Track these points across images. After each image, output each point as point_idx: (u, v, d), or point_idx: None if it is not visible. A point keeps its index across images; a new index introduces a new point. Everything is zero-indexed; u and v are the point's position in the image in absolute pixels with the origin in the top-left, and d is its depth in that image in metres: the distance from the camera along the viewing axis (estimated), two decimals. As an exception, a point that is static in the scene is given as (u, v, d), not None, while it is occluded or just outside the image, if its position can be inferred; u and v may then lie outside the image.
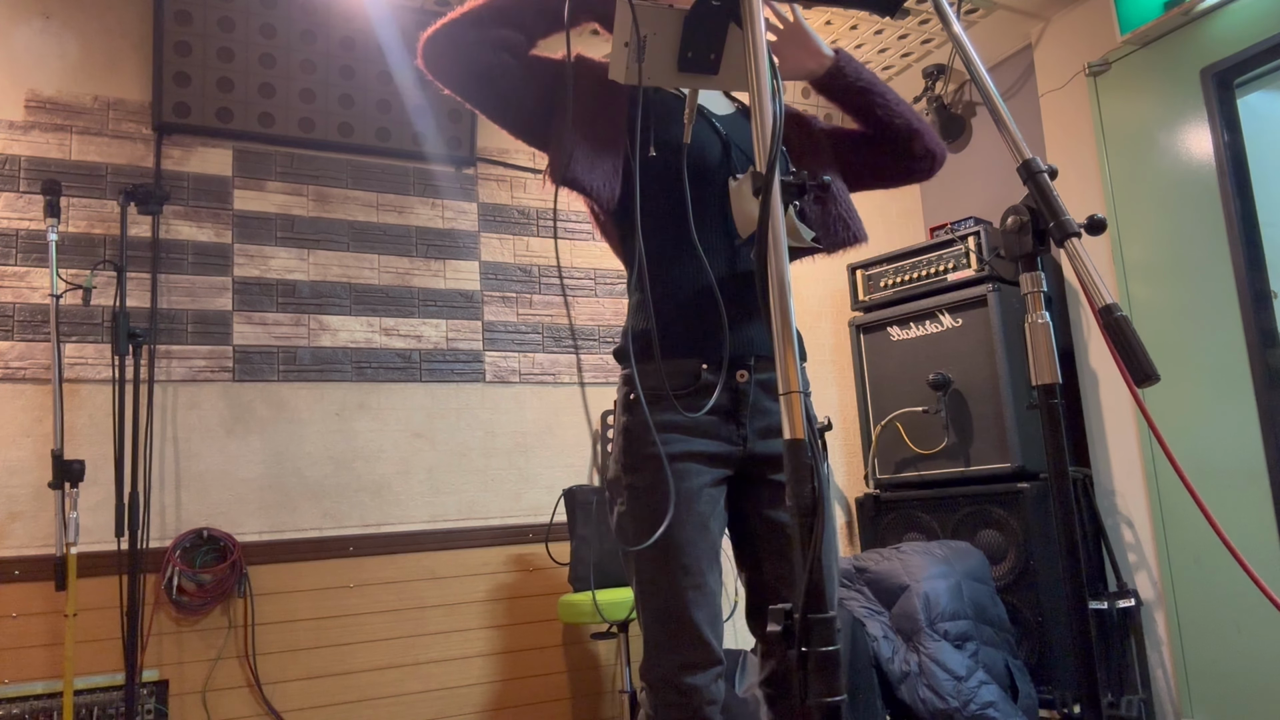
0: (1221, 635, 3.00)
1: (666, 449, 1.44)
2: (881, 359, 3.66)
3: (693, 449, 1.46)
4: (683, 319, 1.49)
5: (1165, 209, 3.22)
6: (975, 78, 1.17)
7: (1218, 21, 3.06)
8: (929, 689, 2.62)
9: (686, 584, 1.41)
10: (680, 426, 1.46)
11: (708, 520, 1.45)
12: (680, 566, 1.41)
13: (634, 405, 1.48)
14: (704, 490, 1.46)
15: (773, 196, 0.98)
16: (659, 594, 1.43)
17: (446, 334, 3.30)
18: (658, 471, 1.44)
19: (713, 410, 1.47)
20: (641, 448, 1.46)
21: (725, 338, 1.46)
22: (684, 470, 1.45)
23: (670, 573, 1.42)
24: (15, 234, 2.77)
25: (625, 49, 1.29)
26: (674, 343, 1.48)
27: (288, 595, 2.92)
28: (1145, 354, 1.02)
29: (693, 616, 1.41)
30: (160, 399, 2.86)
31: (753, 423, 1.50)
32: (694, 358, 1.47)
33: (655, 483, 1.44)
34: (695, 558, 1.42)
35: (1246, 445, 2.94)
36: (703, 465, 1.46)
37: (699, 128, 1.56)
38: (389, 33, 3.23)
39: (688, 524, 1.43)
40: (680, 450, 1.45)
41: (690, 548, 1.42)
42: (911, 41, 3.75)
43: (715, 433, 1.48)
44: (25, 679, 2.57)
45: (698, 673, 1.40)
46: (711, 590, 1.44)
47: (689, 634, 1.41)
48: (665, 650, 1.43)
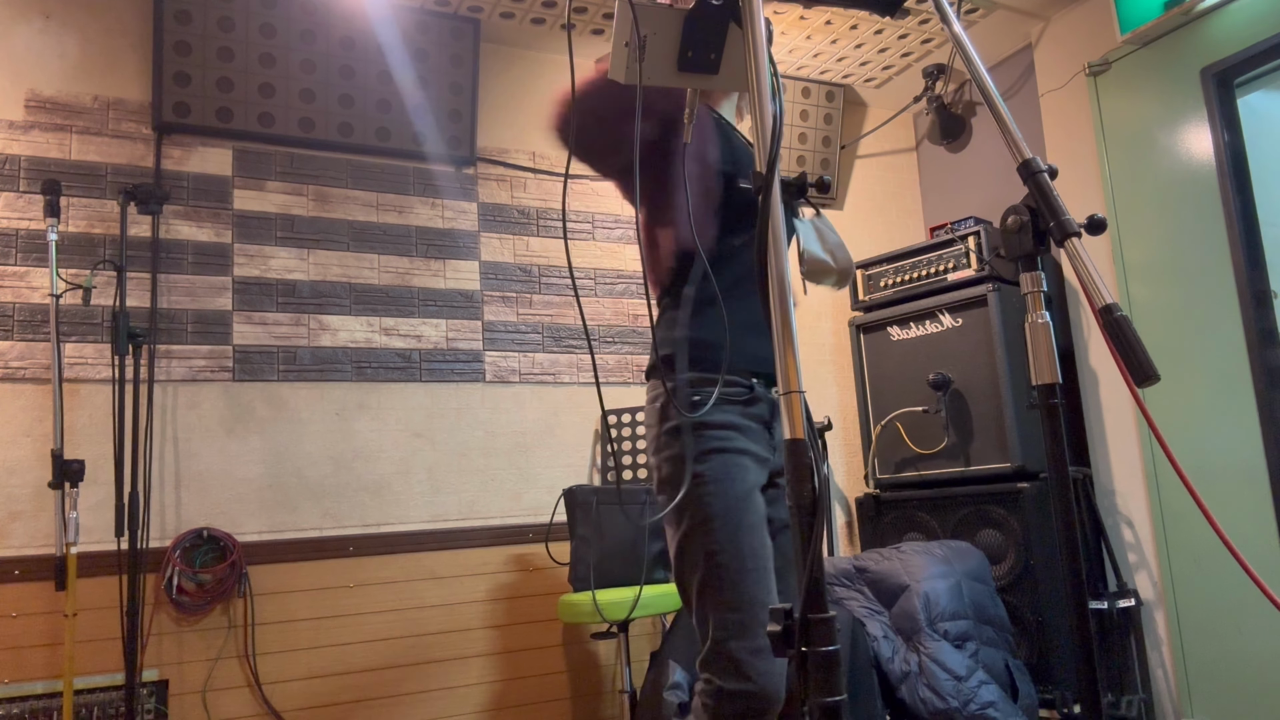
0: (1221, 635, 3.00)
1: (732, 444, 1.55)
2: (881, 359, 3.66)
3: (750, 448, 1.58)
4: (734, 334, 1.60)
5: (1165, 209, 3.22)
6: (975, 77, 1.17)
7: (1218, 21, 3.06)
8: (929, 689, 2.62)
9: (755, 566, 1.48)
10: (737, 427, 1.58)
11: (765, 514, 1.56)
12: (750, 550, 1.49)
13: (699, 406, 1.57)
14: (756, 488, 1.57)
15: (773, 196, 0.98)
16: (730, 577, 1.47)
17: (446, 334, 3.30)
18: (729, 463, 1.53)
19: (758, 419, 1.61)
20: (705, 442, 1.55)
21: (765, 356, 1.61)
22: (751, 467, 1.56)
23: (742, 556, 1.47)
24: (15, 234, 2.77)
25: (625, 49, 1.29)
26: (732, 355, 1.60)
27: (287, 595, 2.92)
28: (1145, 354, 1.02)
29: (765, 600, 1.46)
30: (160, 399, 2.86)
31: (777, 436, 1.63)
32: (746, 369, 1.61)
33: (723, 473, 1.53)
34: (762, 543, 1.51)
35: (1246, 445, 2.94)
36: (758, 466, 1.59)
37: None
38: (389, 33, 3.23)
39: (753, 511, 1.52)
40: (740, 446, 1.56)
41: (759, 533, 1.51)
42: (911, 41, 3.75)
43: (760, 438, 1.61)
44: (25, 679, 2.57)
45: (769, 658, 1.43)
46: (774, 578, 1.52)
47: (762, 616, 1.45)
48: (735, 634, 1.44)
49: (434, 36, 3.29)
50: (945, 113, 4.06)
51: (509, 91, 3.57)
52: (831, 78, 4.01)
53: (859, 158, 4.27)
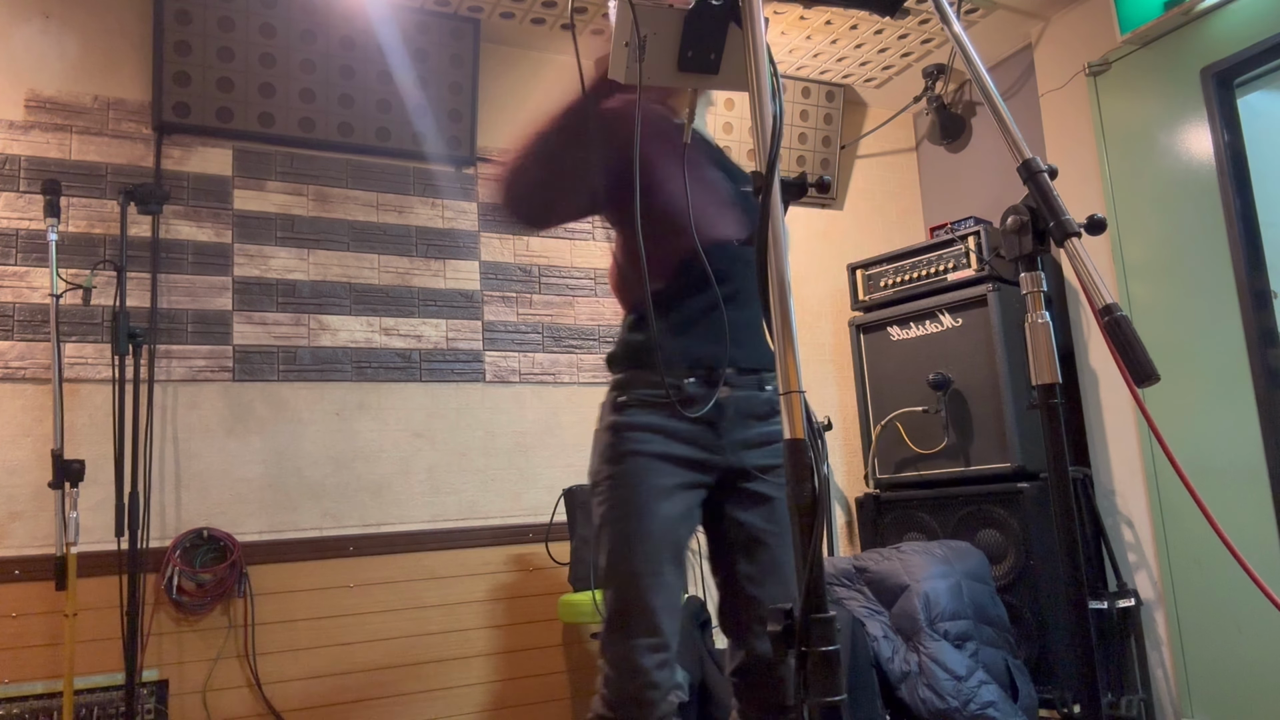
0: (1221, 635, 3.00)
1: (647, 447, 1.55)
2: (881, 359, 3.66)
3: (670, 451, 1.56)
4: (675, 334, 1.60)
5: (1165, 209, 3.22)
6: (975, 77, 1.17)
7: (1218, 21, 3.06)
8: (929, 689, 2.62)
9: (645, 570, 1.51)
10: (662, 430, 1.57)
11: (675, 521, 1.55)
12: (643, 555, 1.51)
13: (622, 407, 1.60)
14: (675, 490, 1.56)
15: (773, 196, 0.98)
16: (620, 578, 1.52)
17: (446, 334, 3.30)
18: (635, 467, 1.55)
19: (696, 419, 1.57)
20: (623, 444, 1.57)
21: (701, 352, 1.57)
22: (662, 469, 1.55)
23: (633, 560, 1.51)
24: (15, 234, 2.77)
25: (625, 49, 1.29)
26: (663, 356, 1.59)
27: (288, 595, 2.92)
28: (1145, 354, 1.02)
29: (648, 602, 1.49)
30: (160, 399, 2.86)
31: (731, 436, 1.60)
32: (679, 368, 1.58)
33: (628, 476, 1.55)
34: (659, 550, 1.52)
35: (1246, 445, 2.93)
36: (678, 468, 1.57)
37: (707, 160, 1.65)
38: (389, 33, 3.23)
39: (655, 518, 1.53)
40: (658, 450, 1.56)
41: (656, 540, 1.52)
42: (911, 41, 3.75)
43: (695, 440, 1.58)
44: (25, 679, 2.57)
45: (647, 655, 1.48)
46: (669, 584, 1.52)
47: (641, 617, 1.49)
48: (619, 629, 1.51)
49: (434, 36, 3.29)
50: (945, 113, 4.06)
51: (509, 91, 3.57)
52: (831, 78, 4.01)
53: (859, 158, 4.27)
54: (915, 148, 4.40)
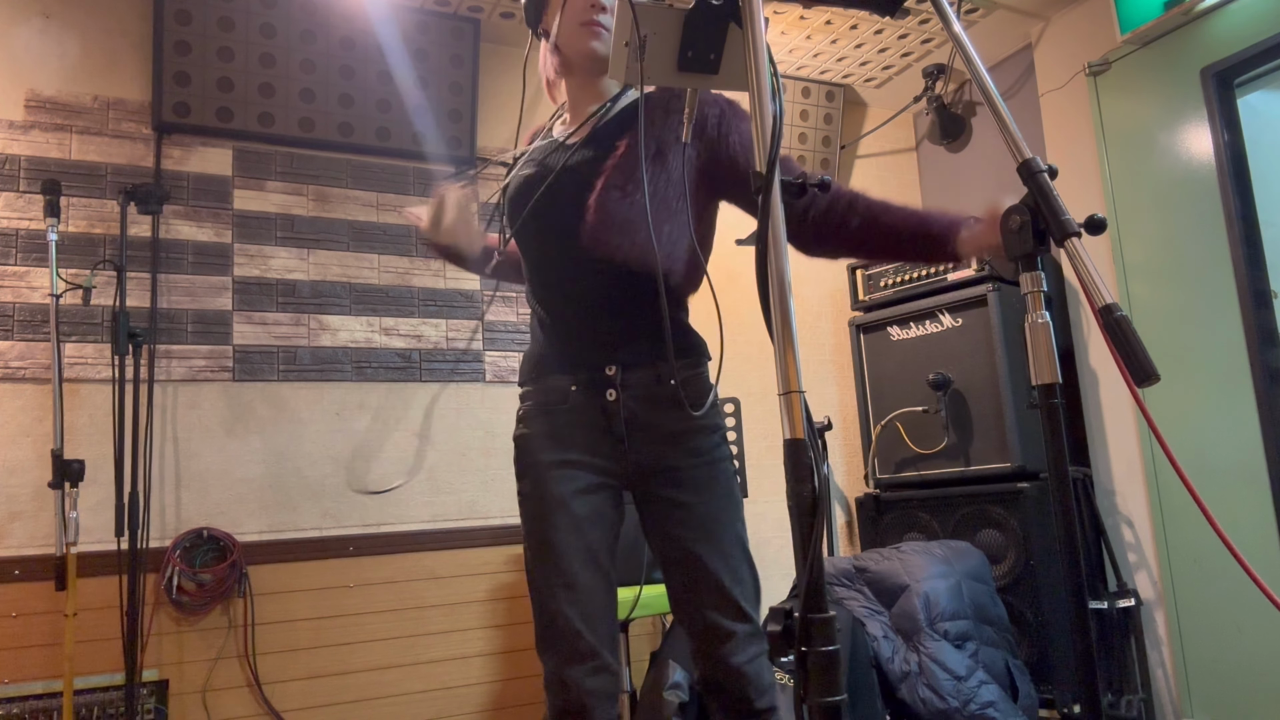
0: (1221, 635, 3.00)
1: (543, 456, 1.56)
2: (881, 359, 3.66)
3: (566, 457, 1.55)
4: (552, 342, 1.61)
5: (1165, 209, 3.22)
6: (975, 77, 1.17)
7: (1218, 21, 3.06)
8: (929, 689, 2.62)
9: (557, 582, 1.50)
10: (554, 436, 1.56)
11: (582, 523, 1.53)
12: (552, 565, 1.50)
13: (521, 419, 1.63)
14: (579, 495, 1.54)
15: (773, 196, 0.98)
16: (536, 592, 1.53)
17: (446, 334, 3.30)
18: (535, 478, 1.56)
19: (586, 426, 1.56)
20: (524, 456, 1.60)
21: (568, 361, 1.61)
22: (559, 476, 1.54)
23: (544, 572, 1.51)
24: (15, 234, 2.77)
25: (625, 49, 1.29)
26: (549, 364, 1.60)
27: (287, 595, 2.92)
28: (1145, 354, 1.02)
29: (564, 612, 1.48)
30: (160, 399, 2.86)
31: (633, 436, 1.55)
32: (563, 375, 1.58)
33: (533, 488, 1.56)
34: (567, 558, 1.50)
35: (1246, 445, 2.93)
36: (580, 472, 1.55)
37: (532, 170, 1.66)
38: (389, 33, 3.23)
39: (559, 526, 1.52)
40: (554, 458, 1.55)
41: (562, 548, 1.51)
42: (911, 41, 3.75)
43: (592, 445, 1.56)
44: (25, 679, 2.57)
45: (573, 666, 1.47)
46: (586, 588, 1.50)
47: (561, 629, 1.48)
48: (544, 645, 1.51)
49: (434, 36, 3.29)
50: (945, 113, 4.06)
51: (509, 91, 3.57)
52: (831, 78, 4.01)
53: (859, 158, 4.27)
54: (915, 148, 4.40)
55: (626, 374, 1.55)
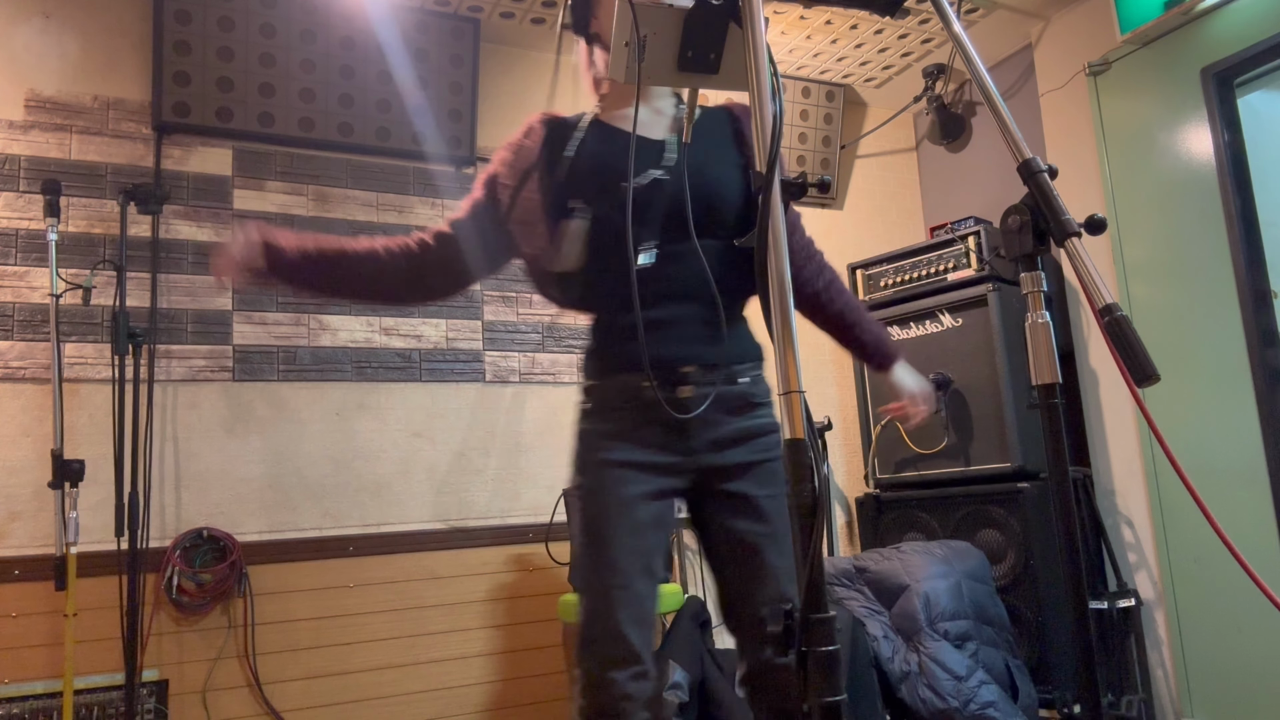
0: (1221, 635, 3.00)
1: (609, 455, 1.54)
2: (881, 359, 3.65)
3: (634, 458, 1.54)
4: (620, 341, 1.58)
5: (1165, 209, 3.22)
6: (975, 77, 1.17)
7: (1218, 21, 3.06)
8: (929, 689, 2.62)
9: (613, 584, 1.48)
10: (626, 436, 1.55)
11: (643, 527, 1.52)
12: (609, 566, 1.49)
13: (586, 414, 1.60)
14: (642, 500, 1.53)
15: (773, 196, 0.98)
16: (589, 591, 1.51)
17: (446, 334, 3.30)
18: (598, 476, 1.54)
19: (657, 423, 1.54)
20: (588, 453, 1.57)
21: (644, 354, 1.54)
22: (623, 477, 1.53)
23: (599, 572, 1.49)
24: (15, 234, 2.77)
25: (625, 49, 1.29)
26: (618, 360, 1.58)
27: (287, 595, 2.92)
28: (1145, 354, 1.02)
29: (616, 615, 1.47)
30: (160, 399, 2.86)
31: (701, 435, 1.55)
32: (635, 373, 1.55)
33: (595, 486, 1.54)
34: (625, 560, 1.49)
35: (1246, 445, 2.93)
36: (645, 474, 1.54)
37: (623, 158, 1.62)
38: (389, 33, 3.23)
39: (620, 527, 1.50)
40: (622, 458, 1.54)
41: (620, 550, 1.49)
42: (911, 41, 3.75)
43: (660, 444, 1.55)
44: (25, 679, 2.57)
45: (616, 669, 1.46)
46: (639, 593, 1.49)
47: (610, 631, 1.47)
48: (589, 645, 1.49)
49: (434, 36, 3.29)
50: (945, 113, 4.06)
51: (509, 91, 3.57)
52: (831, 78, 4.01)
53: (859, 158, 4.27)
54: (915, 148, 4.40)
55: (701, 373, 1.56)
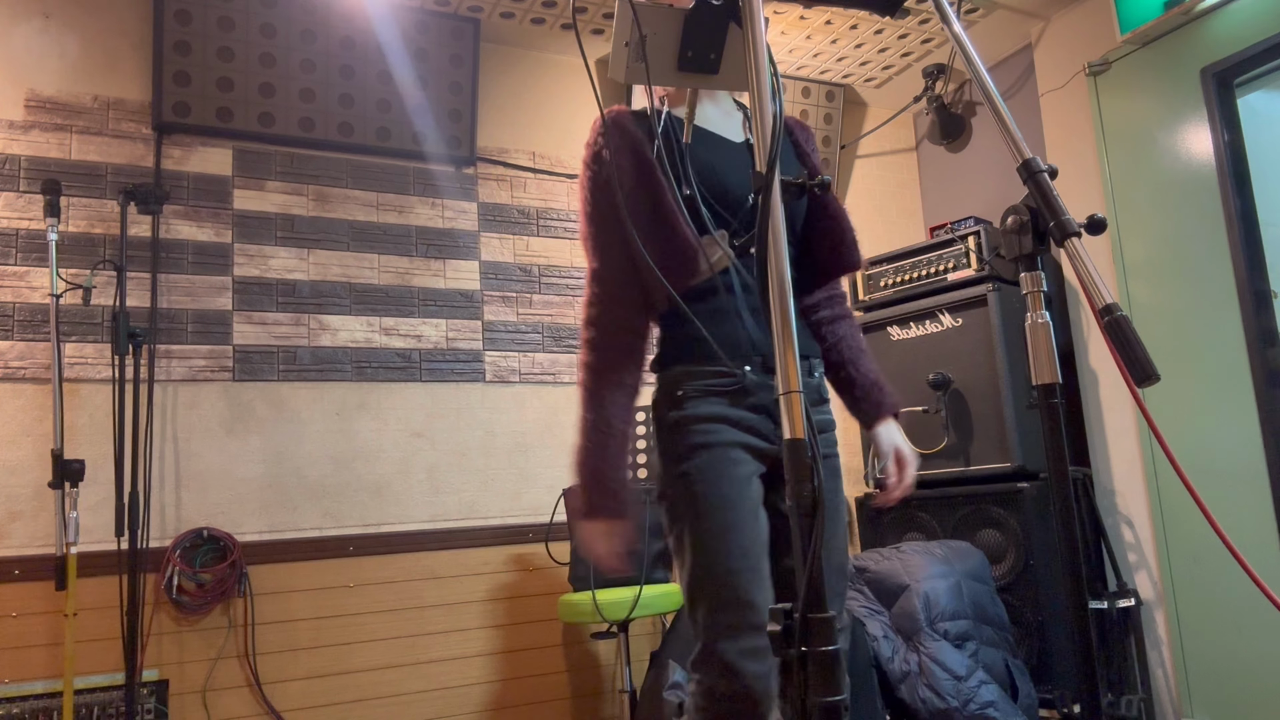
0: (1221, 635, 3.00)
1: (718, 437, 1.49)
2: (881, 358, 3.66)
3: (740, 439, 1.51)
4: (719, 326, 1.55)
5: (1165, 209, 3.22)
6: (975, 77, 1.17)
7: (1218, 21, 3.06)
8: (929, 689, 2.62)
9: (744, 566, 1.41)
10: (728, 419, 1.51)
11: (757, 508, 1.48)
12: (739, 548, 1.42)
13: (681, 400, 1.53)
14: (751, 480, 1.50)
15: (773, 196, 0.98)
16: (716, 577, 1.41)
17: (446, 334, 3.30)
18: (710, 459, 1.48)
19: (755, 409, 1.53)
20: (691, 438, 1.50)
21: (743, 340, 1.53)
22: (735, 457, 1.49)
23: (729, 554, 1.41)
24: (15, 234, 2.77)
25: (625, 49, 1.29)
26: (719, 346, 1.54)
27: (287, 595, 2.92)
28: (1145, 354, 1.02)
29: (754, 600, 1.40)
30: (160, 399, 2.86)
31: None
32: (737, 359, 1.54)
33: (708, 469, 1.47)
34: (752, 540, 1.44)
35: (1246, 445, 2.93)
36: (749, 456, 1.51)
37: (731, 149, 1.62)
38: (389, 33, 3.23)
39: (742, 507, 1.45)
40: (729, 439, 1.50)
41: (748, 529, 1.44)
42: (911, 41, 3.75)
43: (758, 429, 1.53)
44: (25, 679, 2.57)
45: (757, 660, 1.37)
46: (766, 576, 1.44)
47: (749, 618, 1.38)
48: (724, 636, 1.39)
49: (434, 36, 3.29)
50: (945, 113, 4.06)
51: (509, 91, 3.57)
52: (831, 78, 4.01)
53: (859, 158, 4.27)
54: (915, 148, 4.40)
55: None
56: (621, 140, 1.57)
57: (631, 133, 1.57)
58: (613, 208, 1.57)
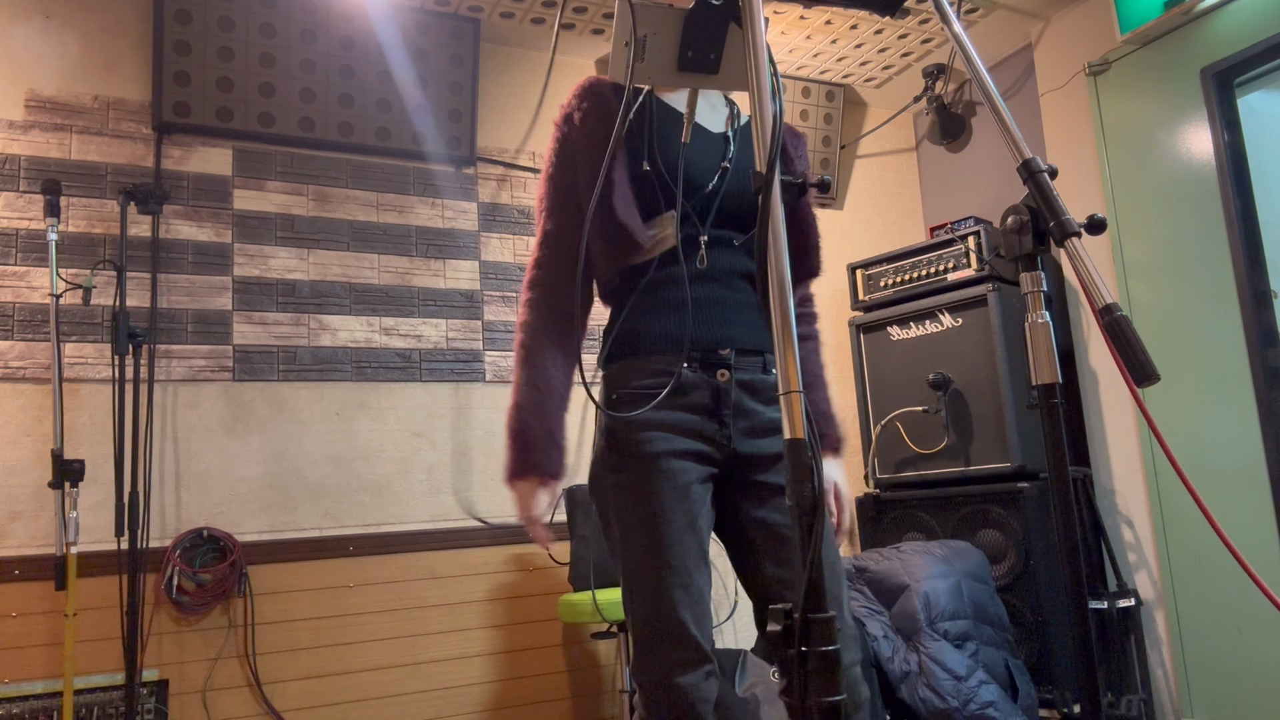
0: (1221, 635, 3.00)
1: (651, 447, 1.44)
2: (881, 359, 3.66)
3: (677, 447, 1.45)
4: (660, 319, 1.50)
5: (1165, 209, 3.22)
6: (975, 77, 1.17)
7: (1218, 21, 3.06)
8: (929, 689, 2.62)
9: (673, 583, 1.40)
10: (663, 424, 1.46)
11: (695, 519, 1.44)
12: (666, 565, 1.40)
13: (618, 404, 1.49)
14: (691, 488, 1.45)
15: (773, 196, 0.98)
16: (646, 593, 1.42)
17: (446, 334, 3.30)
18: (643, 470, 1.44)
19: (694, 409, 1.47)
20: (625, 447, 1.46)
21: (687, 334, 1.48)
22: (670, 468, 1.44)
23: (657, 571, 1.41)
24: (15, 234, 2.77)
25: (625, 49, 1.29)
26: (656, 340, 1.49)
27: (288, 595, 2.92)
28: (1145, 354, 1.01)
29: (680, 615, 1.39)
30: (160, 399, 2.86)
31: (736, 423, 1.49)
32: (673, 355, 1.48)
33: (641, 481, 1.44)
34: (682, 556, 1.41)
35: (1246, 445, 2.94)
36: (689, 463, 1.46)
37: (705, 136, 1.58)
38: (389, 33, 3.23)
39: (674, 522, 1.42)
40: (665, 448, 1.45)
41: (678, 546, 1.41)
42: (911, 41, 3.75)
43: (698, 431, 1.47)
44: (25, 679, 2.57)
45: (688, 672, 1.39)
46: (699, 589, 1.42)
47: (677, 633, 1.40)
48: (655, 650, 1.41)
49: (434, 36, 3.29)
50: (945, 113, 4.06)
51: (509, 91, 3.57)
52: (831, 78, 4.01)
53: (859, 158, 4.27)
54: (915, 148, 4.40)
55: (739, 357, 1.50)
56: (595, 105, 1.53)
57: (607, 100, 1.53)
58: (572, 172, 1.55)
